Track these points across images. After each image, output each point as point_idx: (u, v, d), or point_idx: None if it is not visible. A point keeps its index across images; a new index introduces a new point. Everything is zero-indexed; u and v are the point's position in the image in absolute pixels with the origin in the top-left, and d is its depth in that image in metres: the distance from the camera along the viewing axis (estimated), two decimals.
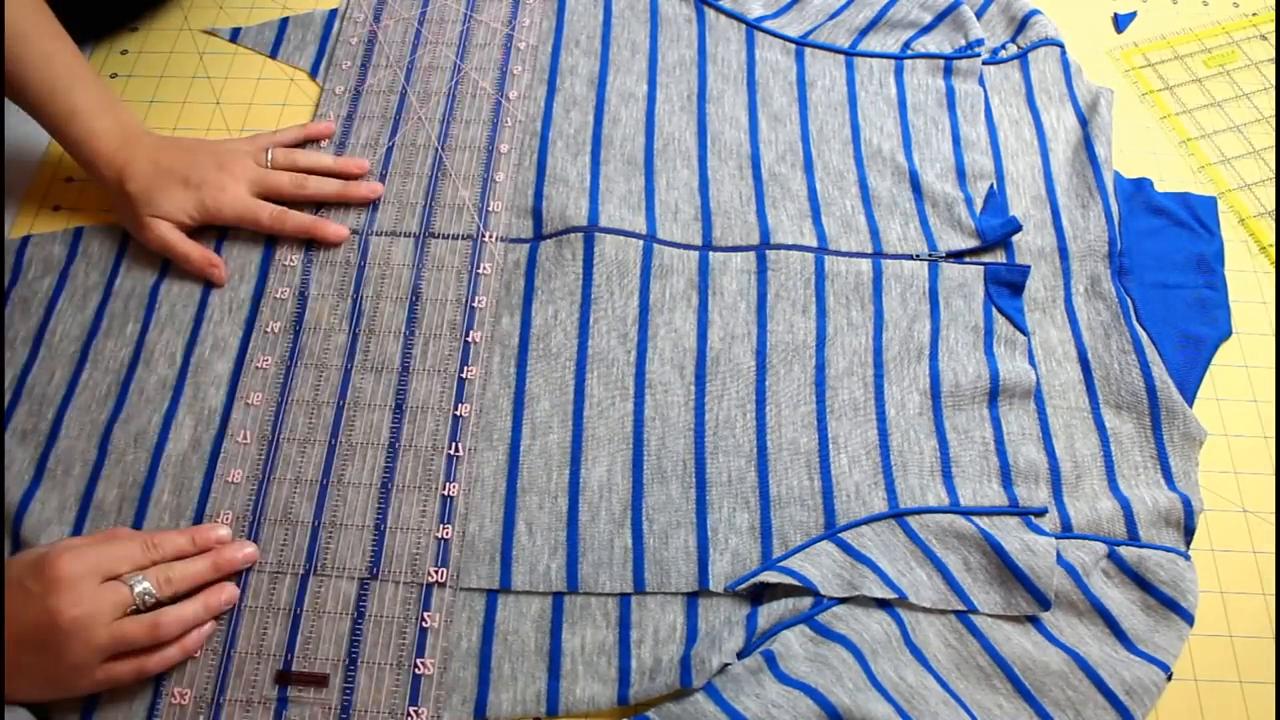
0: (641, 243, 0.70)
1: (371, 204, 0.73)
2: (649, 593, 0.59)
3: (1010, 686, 0.56)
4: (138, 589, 0.53)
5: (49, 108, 0.66)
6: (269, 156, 0.72)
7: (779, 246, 0.70)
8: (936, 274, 0.70)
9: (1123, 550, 0.60)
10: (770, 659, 0.55)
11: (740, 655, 0.56)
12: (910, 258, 0.70)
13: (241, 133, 0.78)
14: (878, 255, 0.70)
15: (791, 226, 0.72)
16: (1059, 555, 0.59)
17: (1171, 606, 0.58)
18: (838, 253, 0.70)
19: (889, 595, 0.57)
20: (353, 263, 0.70)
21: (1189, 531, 0.61)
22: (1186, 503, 0.61)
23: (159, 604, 0.54)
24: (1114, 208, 0.72)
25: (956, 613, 0.58)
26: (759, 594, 0.59)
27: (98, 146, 0.67)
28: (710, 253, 0.70)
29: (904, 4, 0.84)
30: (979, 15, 0.83)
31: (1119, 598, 0.59)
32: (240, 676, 0.56)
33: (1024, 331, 0.68)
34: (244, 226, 0.71)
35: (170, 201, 0.68)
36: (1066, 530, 0.61)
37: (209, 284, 0.69)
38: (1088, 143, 0.75)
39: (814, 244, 0.71)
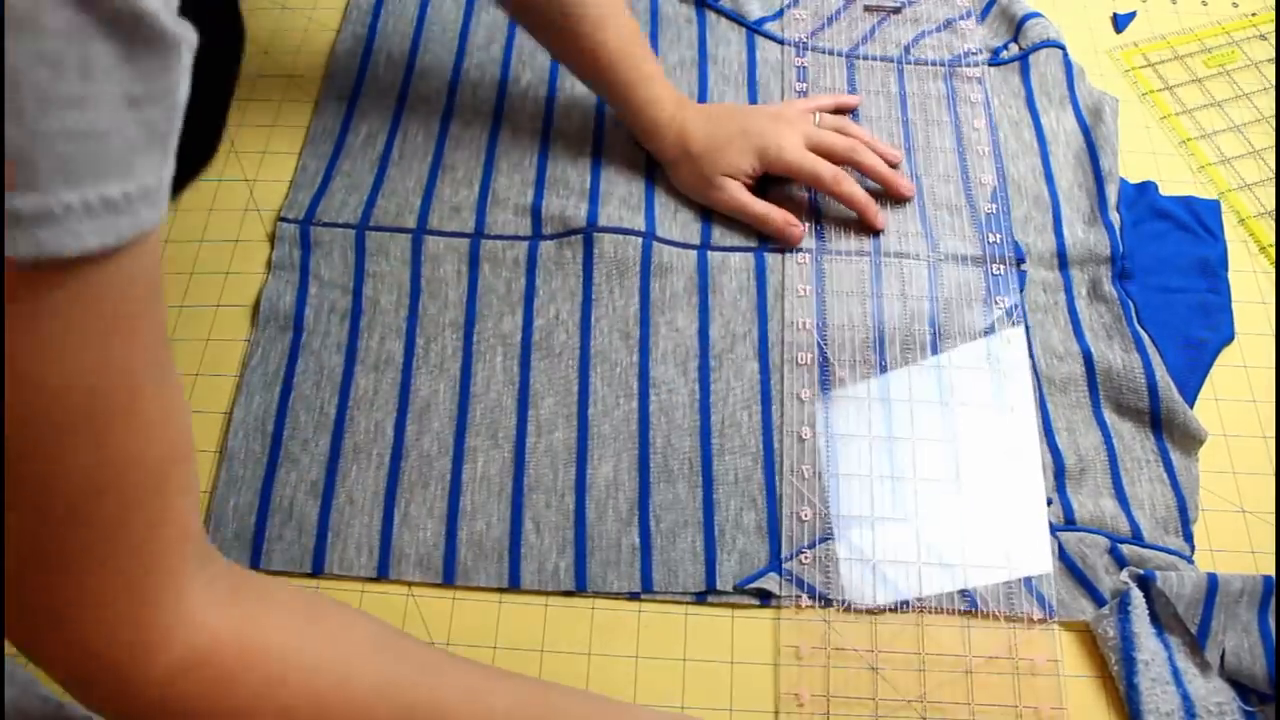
0: (640, 240, 0.69)
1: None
2: (657, 593, 0.59)
3: None
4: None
5: (618, 75, 0.69)
6: (817, 119, 0.73)
7: (776, 245, 0.70)
8: (935, 274, 0.70)
9: (1125, 548, 0.60)
10: None
11: None
12: (908, 257, 0.70)
13: (239, 129, 0.78)
14: (874, 255, 0.70)
15: None
16: (1061, 550, 0.59)
17: None
18: (835, 252, 0.70)
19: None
20: (350, 262, 0.70)
21: (1186, 526, 0.61)
22: (1186, 498, 0.61)
23: None
24: (1115, 212, 0.72)
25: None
26: (766, 593, 0.59)
27: (658, 114, 0.70)
28: (709, 252, 0.70)
29: (906, 8, 0.84)
30: (982, 17, 0.83)
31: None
32: None
33: (1025, 328, 0.67)
34: (800, 180, 0.71)
35: (734, 155, 0.70)
36: (1070, 522, 0.61)
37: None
38: (1091, 150, 0.75)
39: (812, 244, 0.71)
